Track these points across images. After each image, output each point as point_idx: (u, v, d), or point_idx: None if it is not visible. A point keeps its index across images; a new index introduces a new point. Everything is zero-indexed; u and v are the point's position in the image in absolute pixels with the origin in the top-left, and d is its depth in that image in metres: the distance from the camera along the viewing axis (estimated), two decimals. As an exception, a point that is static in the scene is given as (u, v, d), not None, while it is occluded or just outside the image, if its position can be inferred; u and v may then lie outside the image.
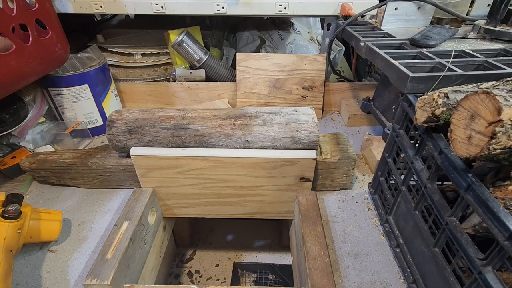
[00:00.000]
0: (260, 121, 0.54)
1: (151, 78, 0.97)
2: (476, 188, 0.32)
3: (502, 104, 0.28)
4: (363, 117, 0.86)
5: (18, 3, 0.59)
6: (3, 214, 0.44)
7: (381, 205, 0.58)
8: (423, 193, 0.42)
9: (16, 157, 0.65)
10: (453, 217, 0.36)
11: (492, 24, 0.67)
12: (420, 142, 0.44)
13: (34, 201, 0.62)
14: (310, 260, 0.44)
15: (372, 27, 0.79)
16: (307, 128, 0.54)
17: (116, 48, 0.96)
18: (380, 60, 0.57)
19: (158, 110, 0.56)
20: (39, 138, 0.74)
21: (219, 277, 0.75)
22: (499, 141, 0.28)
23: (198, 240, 0.83)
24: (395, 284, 0.47)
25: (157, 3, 0.80)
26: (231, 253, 0.80)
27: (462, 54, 0.57)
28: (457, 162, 0.35)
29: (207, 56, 0.93)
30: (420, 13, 0.78)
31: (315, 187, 0.62)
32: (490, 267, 0.30)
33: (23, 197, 0.48)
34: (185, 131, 0.54)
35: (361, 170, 0.70)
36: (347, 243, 0.53)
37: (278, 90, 0.88)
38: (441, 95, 0.38)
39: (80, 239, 0.55)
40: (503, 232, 0.28)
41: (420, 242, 0.44)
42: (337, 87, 0.94)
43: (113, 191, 0.64)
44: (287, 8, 0.81)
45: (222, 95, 0.94)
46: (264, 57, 0.87)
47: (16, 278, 0.48)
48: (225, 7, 0.81)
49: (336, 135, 0.64)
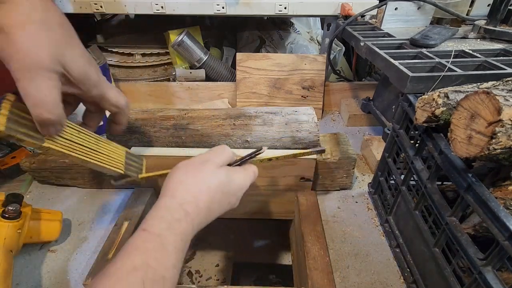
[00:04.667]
0: (260, 121, 0.54)
1: (151, 78, 0.97)
2: (476, 188, 0.32)
3: (502, 104, 0.28)
4: (363, 117, 0.86)
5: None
6: (3, 214, 0.44)
7: (381, 205, 0.58)
8: (423, 193, 0.42)
9: (16, 157, 0.65)
10: (453, 217, 0.36)
11: (492, 24, 0.67)
12: (420, 142, 0.44)
13: (34, 201, 0.62)
14: (310, 260, 0.44)
15: (372, 27, 0.79)
16: (307, 128, 0.54)
17: (116, 48, 0.96)
18: (380, 60, 0.57)
19: (158, 110, 0.56)
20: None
21: (219, 277, 0.75)
22: (499, 141, 0.28)
23: (198, 240, 0.83)
24: (395, 284, 0.47)
25: (157, 3, 0.80)
26: (231, 253, 0.80)
27: (462, 54, 0.57)
28: (457, 162, 0.35)
29: (207, 56, 0.93)
30: (420, 13, 0.78)
31: (315, 187, 0.62)
32: (490, 267, 0.30)
33: (23, 197, 0.47)
34: (185, 131, 0.54)
35: (361, 170, 0.70)
36: (347, 243, 0.53)
37: (278, 90, 0.88)
38: (441, 95, 0.38)
39: (80, 239, 0.55)
40: (503, 232, 0.28)
41: (420, 242, 0.44)
42: (337, 87, 0.94)
43: (113, 191, 0.64)
44: (287, 8, 0.81)
45: (222, 95, 0.94)
46: (264, 57, 0.87)
47: (16, 278, 0.48)
48: (225, 7, 0.81)
49: (336, 135, 0.64)
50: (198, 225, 0.34)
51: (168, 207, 0.32)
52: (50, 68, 0.29)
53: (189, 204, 0.33)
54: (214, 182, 0.35)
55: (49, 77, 0.30)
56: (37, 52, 0.28)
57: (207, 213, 0.35)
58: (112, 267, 0.27)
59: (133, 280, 0.26)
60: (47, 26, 0.30)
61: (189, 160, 0.37)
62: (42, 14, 0.30)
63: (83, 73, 0.33)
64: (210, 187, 0.35)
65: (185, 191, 0.34)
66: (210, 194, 0.34)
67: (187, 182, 0.34)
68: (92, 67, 0.35)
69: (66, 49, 0.31)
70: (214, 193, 0.35)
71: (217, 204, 0.36)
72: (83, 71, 0.33)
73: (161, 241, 0.29)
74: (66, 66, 0.31)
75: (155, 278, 0.27)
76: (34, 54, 0.28)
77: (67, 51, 0.31)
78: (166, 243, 0.29)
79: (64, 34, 0.31)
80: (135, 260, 0.27)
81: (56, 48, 0.30)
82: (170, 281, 0.28)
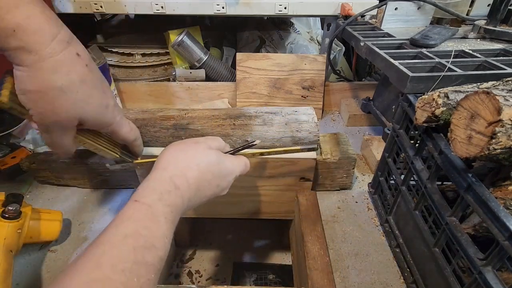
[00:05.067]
0: (260, 121, 0.54)
1: (151, 78, 0.97)
2: (476, 188, 0.32)
3: (502, 104, 0.28)
4: (363, 117, 0.86)
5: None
6: (3, 214, 0.44)
7: (381, 205, 0.58)
8: (423, 193, 0.42)
9: (16, 157, 0.65)
10: (453, 217, 0.36)
11: (492, 24, 0.67)
12: (420, 142, 0.44)
13: (34, 201, 0.62)
14: (310, 260, 0.44)
15: (372, 27, 0.79)
16: (307, 128, 0.54)
17: (116, 48, 0.96)
18: (380, 60, 0.57)
19: (158, 110, 0.56)
20: (39, 138, 0.74)
21: (219, 277, 0.75)
22: (499, 141, 0.28)
23: (198, 240, 0.83)
24: (395, 284, 0.47)
25: (157, 3, 0.80)
26: (231, 253, 0.80)
27: (462, 54, 0.57)
28: (457, 162, 0.35)
29: (207, 56, 0.93)
30: (420, 13, 0.78)
31: (315, 187, 0.62)
32: (490, 267, 0.30)
33: (23, 197, 0.47)
34: (185, 131, 0.54)
35: (361, 170, 0.70)
36: (347, 243, 0.53)
37: (278, 90, 0.88)
38: (441, 95, 0.38)
39: (80, 239, 0.55)
40: (503, 232, 0.28)
41: (420, 242, 0.44)
42: (337, 87, 0.94)
43: (113, 191, 0.64)
44: (287, 8, 0.81)
45: (222, 95, 0.94)
46: (264, 57, 0.87)
47: (16, 278, 0.48)
48: (225, 7, 0.81)
49: (336, 135, 0.64)
50: (188, 201, 0.34)
51: (159, 179, 0.33)
52: (68, 126, 0.34)
53: (179, 178, 0.34)
54: (204, 160, 0.36)
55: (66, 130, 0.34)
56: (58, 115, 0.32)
57: (197, 190, 0.35)
58: (104, 235, 0.27)
59: (124, 248, 0.26)
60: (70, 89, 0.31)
61: (183, 140, 0.39)
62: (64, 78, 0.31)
63: (98, 121, 0.36)
64: (200, 164, 0.36)
65: (175, 165, 0.35)
66: (199, 171, 0.35)
67: (178, 157, 0.36)
68: (108, 110, 0.37)
69: (84, 106, 0.33)
70: (204, 171, 0.36)
71: (207, 183, 0.36)
72: (98, 119, 0.36)
73: (152, 211, 0.30)
74: (82, 119, 0.34)
75: (146, 245, 0.27)
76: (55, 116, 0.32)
77: (84, 108, 0.33)
78: (157, 213, 0.30)
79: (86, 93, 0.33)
80: (127, 228, 0.28)
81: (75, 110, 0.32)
82: (161, 250, 0.29)
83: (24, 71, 0.29)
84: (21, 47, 0.28)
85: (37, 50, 0.28)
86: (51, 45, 0.29)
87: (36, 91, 0.30)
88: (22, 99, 0.30)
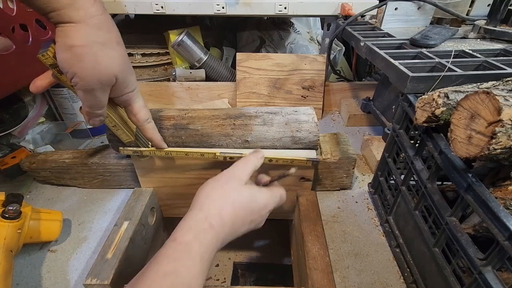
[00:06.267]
0: (260, 121, 0.54)
1: (151, 78, 0.97)
2: (476, 188, 0.32)
3: (502, 104, 0.28)
4: (363, 117, 0.86)
5: (18, 3, 0.59)
6: (3, 214, 0.44)
7: (381, 205, 0.58)
8: (423, 193, 0.42)
9: (16, 157, 0.65)
10: (453, 217, 0.36)
11: (492, 24, 0.67)
12: (420, 142, 0.44)
13: (34, 201, 0.62)
14: (310, 260, 0.44)
15: (372, 27, 0.79)
16: (307, 128, 0.54)
17: (116, 48, 0.96)
18: (380, 60, 0.57)
19: (158, 110, 0.56)
20: (39, 138, 0.74)
21: (219, 277, 0.75)
22: (499, 141, 0.28)
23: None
24: (395, 284, 0.47)
25: (157, 3, 0.80)
26: (231, 253, 0.80)
27: (462, 54, 0.57)
28: (457, 162, 0.35)
29: (207, 56, 0.93)
30: (420, 13, 0.78)
31: (315, 187, 0.62)
32: (490, 267, 0.30)
33: (23, 197, 0.47)
34: (185, 131, 0.54)
35: (361, 170, 0.70)
36: (347, 243, 0.53)
37: (278, 90, 0.88)
38: (441, 95, 0.38)
39: (80, 239, 0.55)
40: (503, 232, 0.28)
41: (420, 242, 0.44)
42: (337, 87, 0.94)
43: (113, 191, 0.64)
44: (287, 8, 0.81)
45: (222, 95, 0.94)
46: (264, 57, 0.87)
47: (16, 278, 0.48)
48: (225, 7, 0.81)
49: (336, 135, 0.64)
50: (222, 240, 0.36)
51: (196, 219, 0.35)
52: (107, 84, 0.36)
53: (214, 218, 0.35)
54: (238, 199, 0.37)
55: (104, 90, 0.37)
56: (100, 71, 0.34)
57: (231, 228, 0.36)
58: (145, 273, 0.30)
59: (164, 285, 0.28)
60: (109, 46, 0.35)
61: (217, 176, 0.40)
62: (106, 36, 0.34)
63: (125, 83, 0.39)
64: (234, 203, 0.37)
65: (211, 205, 0.36)
66: (234, 210, 0.36)
67: (213, 197, 0.37)
68: (133, 74, 0.40)
69: (120, 64, 0.37)
70: (238, 209, 0.37)
71: (241, 220, 0.37)
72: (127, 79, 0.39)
73: (188, 250, 0.32)
74: (117, 77, 0.37)
75: (183, 284, 0.29)
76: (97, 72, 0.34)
77: (120, 66, 0.37)
78: (193, 252, 0.32)
79: (121, 52, 0.37)
80: (166, 267, 0.30)
81: (112, 67, 0.36)
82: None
83: (72, 27, 0.32)
84: (71, 5, 0.31)
85: (85, 8, 0.32)
86: (94, 5, 0.33)
87: (82, 46, 0.32)
88: (67, 57, 0.33)
